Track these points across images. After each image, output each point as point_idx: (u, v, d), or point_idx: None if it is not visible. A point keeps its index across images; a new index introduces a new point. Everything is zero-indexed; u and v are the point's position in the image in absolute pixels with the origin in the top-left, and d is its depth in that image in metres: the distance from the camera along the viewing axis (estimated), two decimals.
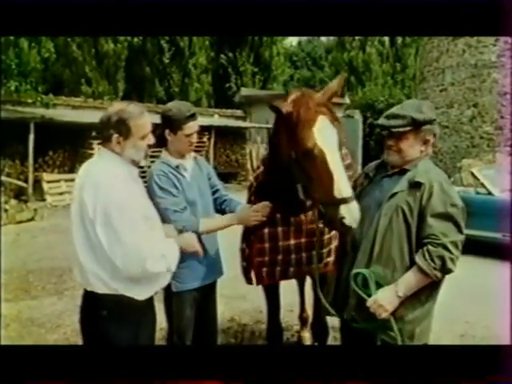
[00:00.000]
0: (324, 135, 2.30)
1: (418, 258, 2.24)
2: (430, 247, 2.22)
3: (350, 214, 2.23)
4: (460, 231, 2.27)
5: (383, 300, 2.25)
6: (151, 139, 2.36)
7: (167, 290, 2.80)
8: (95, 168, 2.29)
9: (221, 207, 3.06)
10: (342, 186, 2.24)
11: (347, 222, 2.22)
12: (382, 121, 2.47)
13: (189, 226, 2.66)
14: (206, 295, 2.99)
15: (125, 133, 2.24)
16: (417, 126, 2.36)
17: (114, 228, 2.12)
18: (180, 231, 2.60)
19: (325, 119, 2.33)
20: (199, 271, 2.87)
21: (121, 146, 2.25)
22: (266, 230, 2.96)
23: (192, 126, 2.78)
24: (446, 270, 2.24)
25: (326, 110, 2.37)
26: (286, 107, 2.38)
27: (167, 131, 2.78)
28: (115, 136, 2.23)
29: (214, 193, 3.07)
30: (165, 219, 2.61)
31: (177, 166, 2.80)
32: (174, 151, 2.84)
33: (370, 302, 2.28)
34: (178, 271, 2.65)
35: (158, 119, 2.82)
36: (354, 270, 2.34)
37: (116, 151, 2.26)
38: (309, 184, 2.39)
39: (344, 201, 2.22)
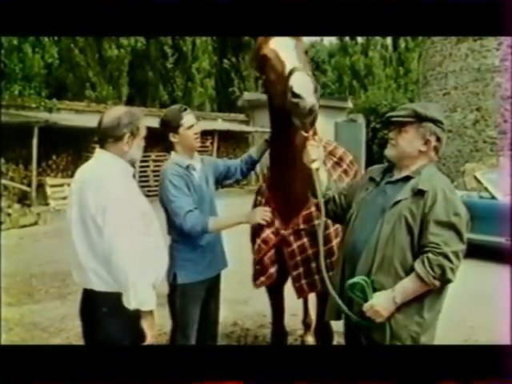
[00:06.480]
0: (279, 43, 2.50)
1: (417, 266, 2.20)
2: (430, 255, 2.18)
3: (297, 81, 2.31)
4: (462, 240, 2.23)
5: (379, 306, 2.24)
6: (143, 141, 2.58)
7: (171, 287, 2.92)
8: (96, 169, 2.44)
9: (242, 171, 3.27)
10: (289, 64, 2.40)
11: (296, 89, 2.29)
12: (389, 113, 2.51)
13: (199, 223, 2.75)
14: (210, 293, 3.03)
15: (135, 132, 2.45)
16: (418, 119, 2.34)
17: (109, 230, 2.25)
18: (189, 231, 2.75)
19: (283, 38, 2.52)
20: (204, 265, 2.94)
21: (129, 144, 2.45)
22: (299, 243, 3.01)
23: (189, 119, 2.92)
24: (445, 280, 2.21)
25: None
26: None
27: (171, 134, 2.91)
28: (127, 135, 2.42)
29: (229, 170, 3.23)
30: (176, 217, 2.77)
31: (187, 166, 2.92)
32: (183, 150, 2.95)
33: (366, 307, 2.27)
34: (184, 264, 2.85)
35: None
36: (350, 280, 2.30)
37: (124, 150, 2.44)
38: (273, 93, 2.56)
39: (290, 72, 2.35)
